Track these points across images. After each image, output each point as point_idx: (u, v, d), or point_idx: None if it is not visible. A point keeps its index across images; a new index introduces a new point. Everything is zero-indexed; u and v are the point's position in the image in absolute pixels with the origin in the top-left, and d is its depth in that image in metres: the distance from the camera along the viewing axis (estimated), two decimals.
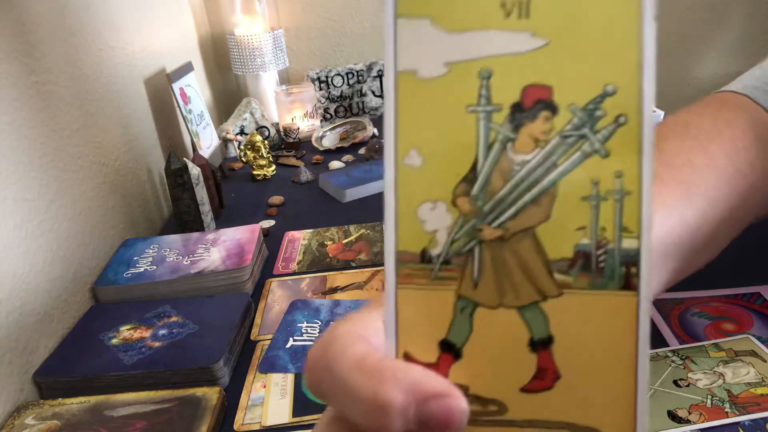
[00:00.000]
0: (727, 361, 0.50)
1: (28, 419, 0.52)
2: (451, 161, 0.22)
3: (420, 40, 0.22)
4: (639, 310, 0.22)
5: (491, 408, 0.24)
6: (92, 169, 0.77)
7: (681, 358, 0.51)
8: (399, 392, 0.22)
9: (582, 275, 0.22)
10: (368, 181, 0.97)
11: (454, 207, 0.22)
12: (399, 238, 0.23)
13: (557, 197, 0.22)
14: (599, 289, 0.22)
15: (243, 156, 1.09)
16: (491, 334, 0.24)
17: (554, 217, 0.22)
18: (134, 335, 0.61)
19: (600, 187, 0.21)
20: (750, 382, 0.47)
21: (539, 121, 0.21)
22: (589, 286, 0.22)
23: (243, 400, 0.54)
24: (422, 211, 0.23)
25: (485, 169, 0.22)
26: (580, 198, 0.22)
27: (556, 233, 0.22)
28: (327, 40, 1.49)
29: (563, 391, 0.23)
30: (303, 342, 0.60)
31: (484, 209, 0.22)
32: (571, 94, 0.21)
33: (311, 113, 1.30)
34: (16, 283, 0.58)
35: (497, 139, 0.22)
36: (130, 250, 0.77)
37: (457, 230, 0.23)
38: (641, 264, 0.22)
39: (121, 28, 0.93)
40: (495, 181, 0.22)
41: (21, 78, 0.64)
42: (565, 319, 0.23)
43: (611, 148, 0.21)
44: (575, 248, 0.22)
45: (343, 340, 0.25)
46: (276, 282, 0.73)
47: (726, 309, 0.58)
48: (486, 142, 0.22)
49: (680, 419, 0.45)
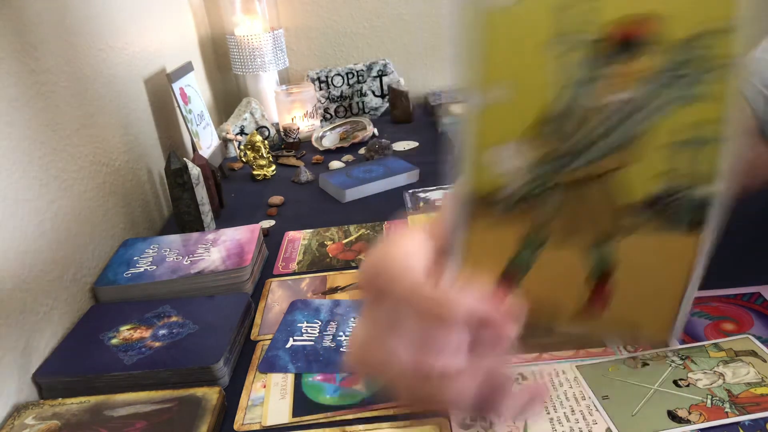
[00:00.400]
0: (727, 361, 0.50)
1: (28, 419, 0.52)
2: (530, 100, 0.20)
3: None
4: (700, 250, 0.22)
5: (541, 332, 0.26)
6: (92, 169, 0.77)
7: (681, 358, 0.51)
8: (455, 317, 0.25)
9: (652, 218, 0.22)
10: (368, 181, 0.97)
11: (530, 147, 0.21)
12: (473, 175, 0.22)
13: (643, 141, 0.20)
14: (667, 231, 0.22)
15: (243, 156, 1.09)
16: (552, 268, 0.24)
17: (635, 162, 0.21)
18: (134, 335, 0.61)
19: (688, 133, 0.20)
20: (750, 382, 0.47)
21: (632, 58, 0.19)
22: (658, 228, 0.22)
23: (243, 400, 0.54)
24: (497, 151, 0.22)
25: (567, 110, 0.20)
26: (665, 143, 0.20)
27: (633, 177, 0.21)
28: (327, 40, 1.49)
29: (611, 317, 0.24)
30: (303, 342, 0.60)
31: (563, 151, 0.21)
32: (674, 28, 0.18)
33: (311, 113, 1.30)
34: (16, 283, 0.58)
35: (582, 78, 0.19)
36: (130, 250, 0.77)
37: (533, 171, 0.22)
38: (711, 209, 0.21)
39: (121, 28, 0.93)
40: (577, 122, 0.20)
41: (21, 78, 0.64)
42: (628, 256, 0.23)
43: (706, 93, 0.19)
44: (650, 192, 0.21)
45: (402, 262, 0.27)
46: (276, 282, 0.73)
47: (726, 309, 0.57)
48: (570, 80, 0.20)
49: (680, 419, 0.45)
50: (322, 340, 0.60)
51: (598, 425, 0.46)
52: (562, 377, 0.51)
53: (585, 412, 0.47)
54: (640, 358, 0.52)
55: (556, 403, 0.49)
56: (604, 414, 0.47)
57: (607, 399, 0.48)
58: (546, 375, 0.52)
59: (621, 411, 0.47)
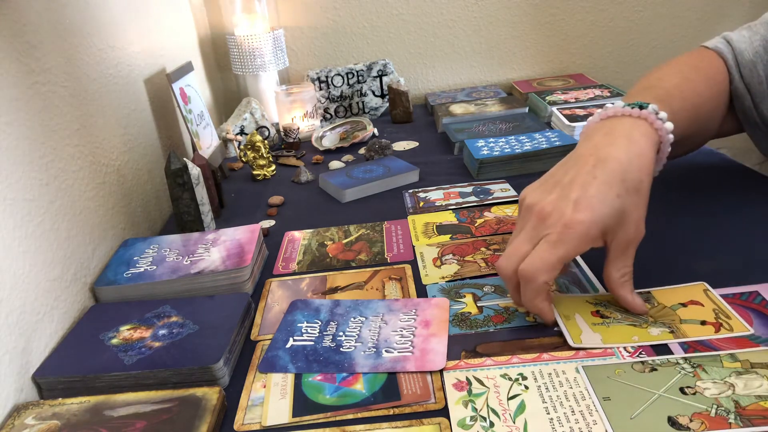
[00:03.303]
0: (741, 372, 0.49)
1: (28, 419, 0.52)
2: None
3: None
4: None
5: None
6: (92, 169, 0.77)
7: (692, 366, 0.50)
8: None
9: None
10: (368, 181, 0.97)
11: None
12: None
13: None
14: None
15: (243, 156, 1.09)
16: None
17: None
18: (134, 335, 0.61)
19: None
20: (761, 395, 0.46)
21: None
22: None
23: (243, 400, 0.54)
24: None
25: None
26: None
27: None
28: (327, 40, 1.49)
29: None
30: (303, 342, 0.60)
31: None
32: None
33: (311, 113, 1.30)
34: (16, 283, 0.58)
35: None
36: (130, 250, 0.77)
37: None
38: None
39: (121, 28, 0.93)
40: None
41: (21, 78, 0.64)
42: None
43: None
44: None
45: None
46: (276, 282, 0.73)
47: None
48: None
49: (680, 426, 0.44)
50: (322, 340, 0.60)
51: (599, 425, 0.46)
52: (563, 377, 0.51)
53: (585, 413, 0.47)
54: (649, 362, 0.51)
55: (556, 404, 0.49)
56: (603, 415, 0.46)
57: (608, 400, 0.48)
58: (546, 375, 0.52)
59: (620, 413, 0.46)
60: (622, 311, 0.58)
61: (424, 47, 1.52)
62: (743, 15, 1.52)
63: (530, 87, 1.43)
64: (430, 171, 1.03)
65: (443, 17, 1.49)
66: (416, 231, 0.82)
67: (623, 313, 0.57)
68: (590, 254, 0.71)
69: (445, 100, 1.41)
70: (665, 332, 0.54)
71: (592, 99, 1.26)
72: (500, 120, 1.22)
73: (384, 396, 0.52)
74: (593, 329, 0.55)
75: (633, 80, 0.75)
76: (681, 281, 0.61)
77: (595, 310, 0.59)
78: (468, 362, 0.55)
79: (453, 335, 0.59)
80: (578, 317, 0.57)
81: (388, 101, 1.39)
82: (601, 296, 0.61)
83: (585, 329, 0.55)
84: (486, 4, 1.48)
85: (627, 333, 0.55)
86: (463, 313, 0.62)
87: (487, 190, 0.92)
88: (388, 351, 0.57)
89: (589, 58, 1.56)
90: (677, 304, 0.58)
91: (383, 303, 0.65)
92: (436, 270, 0.71)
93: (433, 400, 0.51)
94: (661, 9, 1.51)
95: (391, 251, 0.77)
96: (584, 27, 1.52)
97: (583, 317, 0.57)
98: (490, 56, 1.54)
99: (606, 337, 0.54)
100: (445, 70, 1.55)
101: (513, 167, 0.98)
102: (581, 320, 0.57)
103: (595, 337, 0.54)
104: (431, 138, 1.23)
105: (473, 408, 0.49)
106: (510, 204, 0.87)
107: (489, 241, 0.76)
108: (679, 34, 1.54)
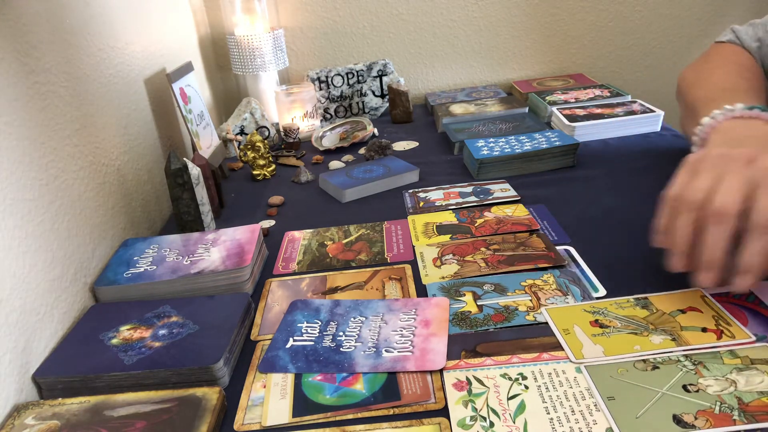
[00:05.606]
0: (742, 369, 0.49)
1: (28, 419, 0.52)
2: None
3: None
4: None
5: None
6: (92, 169, 0.77)
7: (693, 363, 0.50)
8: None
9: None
10: (368, 181, 0.97)
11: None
12: None
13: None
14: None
15: (243, 156, 1.09)
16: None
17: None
18: (134, 335, 0.61)
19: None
20: (763, 391, 0.46)
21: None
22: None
23: (243, 400, 0.54)
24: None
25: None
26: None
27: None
28: (327, 40, 1.49)
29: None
30: (303, 342, 0.60)
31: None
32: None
33: (311, 113, 1.30)
34: (16, 283, 0.58)
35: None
36: (130, 250, 0.77)
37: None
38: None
39: (121, 28, 0.93)
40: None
41: (20, 78, 0.64)
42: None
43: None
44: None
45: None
46: (276, 282, 0.73)
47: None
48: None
49: (685, 424, 0.44)
50: (322, 340, 0.60)
51: (599, 425, 0.46)
52: (562, 377, 0.51)
53: (585, 413, 0.47)
54: (650, 361, 0.51)
55: (556, 404, 0.49)
56: (608, 414, 0.46)
57: (613, 400, 0.48)
58: (546, 375, 0.52)
59: (625, 412, 0.46)
60: (620, 318, 0.58)
61: (424, 47, 1.52)
62: (743, 15, 1.52)
63: (530, 87, 1.43)
64: (430, 171, 1.03)
65: (443, 17, 1.49)
66: (416, 231, 0.82)
67: (622, 321, 0.57)
68: (590, 254, 0.71)
69: (445, 100, 1.41)
70: (667, 340, 0.54)
71: (592, 99, 1.26)
72: (500, 120, 1.22)
73: (384, 396, 0.52)
74: (594, 341, 0.55)
75: (633, 80, 0.75)
76: (679, 282, 0.61)
77: (594, 319, 0.58)
78: (468, 362, 0.55)
79: (453, 335, 0.59)
80: (577, 329, 0.57)
81: (388, 101, 1.39)
82: (597, 303, 0.61)
83: (586, 342, 0.55)
84: (486, 4, 1.48)
85: (629, 343, 0.54)
86: (463, 312, 0.62)
87: (487, 190, 0.92)
88: (388, 351, 0.57)
89: (589, 58, 1.56)
90: (676, 310, 0.58)
91: (383, 303, 0.65)
92: (436, 270, 0.71)
93: (433, 399, 0.51)
94: (661, 9, 1.51)
95: (391, 251, 0.77)
96: (584, 27, 1.52)
97: (583, 329, 0.57)
98: (490, 56, 1.54)
99: (608, 348, 0.54)
100: (445, 70, 1.55)
101: (513, 167, 0.98)
102: (581, 332, 0.56)
103: (596, 349, 0.54)
104: (431, 138, 1.23)
105: (473, 408, 0.49)
106: (510, 204, 0.87)
107: (489, 241, 0.76)
108: (679, 34, 1.54)
